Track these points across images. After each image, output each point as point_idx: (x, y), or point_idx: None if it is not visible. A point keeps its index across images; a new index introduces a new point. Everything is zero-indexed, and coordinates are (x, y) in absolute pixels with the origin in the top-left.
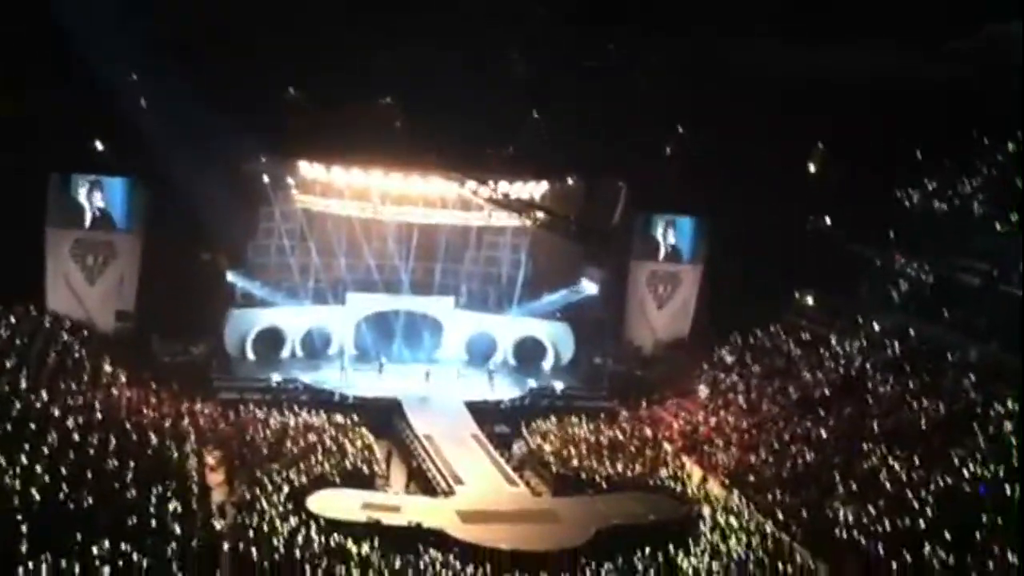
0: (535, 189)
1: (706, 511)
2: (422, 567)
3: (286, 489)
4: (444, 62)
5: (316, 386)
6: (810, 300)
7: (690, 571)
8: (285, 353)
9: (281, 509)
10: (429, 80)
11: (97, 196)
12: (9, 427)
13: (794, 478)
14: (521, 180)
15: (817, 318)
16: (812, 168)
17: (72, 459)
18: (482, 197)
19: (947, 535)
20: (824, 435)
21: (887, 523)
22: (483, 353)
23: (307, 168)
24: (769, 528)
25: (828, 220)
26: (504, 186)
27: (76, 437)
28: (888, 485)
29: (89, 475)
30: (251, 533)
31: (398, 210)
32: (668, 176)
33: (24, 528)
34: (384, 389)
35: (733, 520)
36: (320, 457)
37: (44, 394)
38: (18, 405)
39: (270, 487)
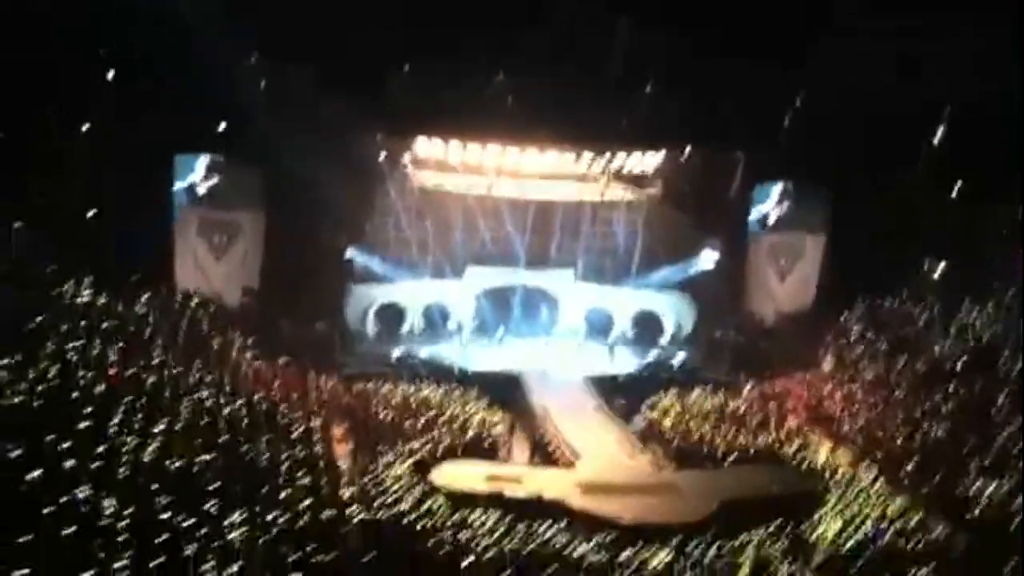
0: (651, 160)
1: (833, 485)
2: (544, 538)
3: (410, 461)
4: (556, 34)
5: (436, 360)
6: (939, 268)
7: (817, 545)
8: (405, 328)
9: (406, 481)
10: (542, 53)
11: (220, 176)
12: (143, 401)
13: (925, 451)
14: (637, 151)
15: (946, 287)
16: (939, 131)
17: (204, 433)
18: (597, 170)
19: None
20: (956, 407)
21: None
22: (602, 327)
23: (423, 144)
24: (900, 502)
25: (957, 185)
26: (620, 158)
27: (207, 411)
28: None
29: (221, 448)
30: (377, 504)
31: (514, 185)
32: (787, 144)
33: (160, 499)
34: (504, 363)
35: (862, 494)
36: (442, 430)
37: (175, 369)
38: (152, 380)
39: (395, 459)
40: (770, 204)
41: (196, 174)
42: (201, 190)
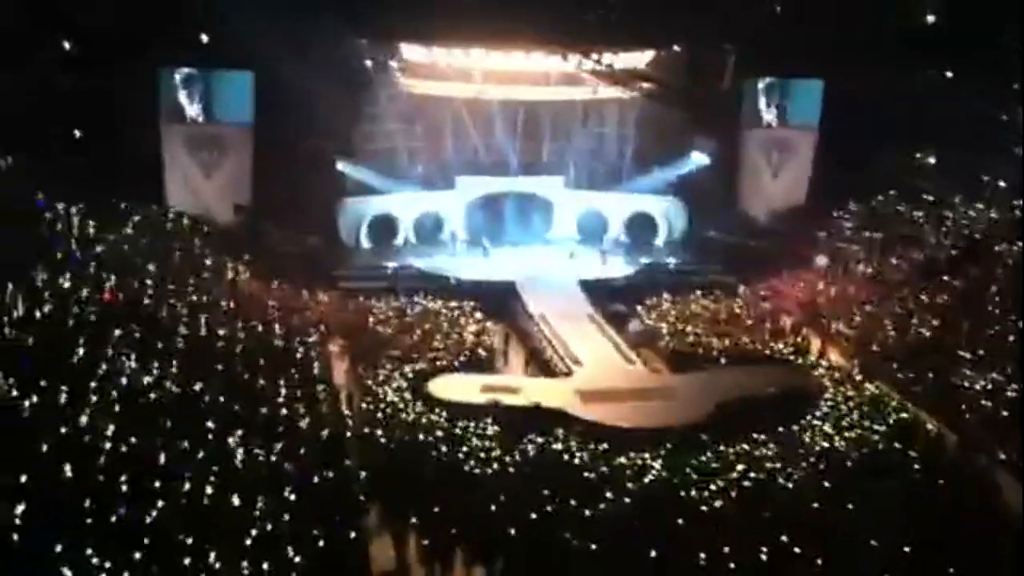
0: (641, 59)
1: (827, 382)
2: (543, 447)
3: (408, 375)
4: None
5: (431, 272)
6: (932, 160)
7: (813, 443)
8: (399, 240)
9: (404, 394)
10: None
11: (207, 90)
12: (140, 325)
13: (918, 346)
14: (626, 50)
15: (940, 178)
16: (930, 18)
17: (202, 354)
18: (586, 70)
19: None
20: (949, 300)
21: (1015, 389)
22: (595, 232)
23: (409, 50)
24: (893, 398)
25: (949, 73)
26: (608, 57)
27: (204, 332)
28: (1017, 350)
29: (220, 369)
30: (376, 419)
31: (503, 89)
32: (778, 37)
33: (161, 422)
34: (497, 272)
35: (855, 391)
36: (439, 342)
37: (171, 291)
38: (147, 303)
39: (392, 373)
40: (761, 100)
41: (180, 89)
42: (187, 105)
